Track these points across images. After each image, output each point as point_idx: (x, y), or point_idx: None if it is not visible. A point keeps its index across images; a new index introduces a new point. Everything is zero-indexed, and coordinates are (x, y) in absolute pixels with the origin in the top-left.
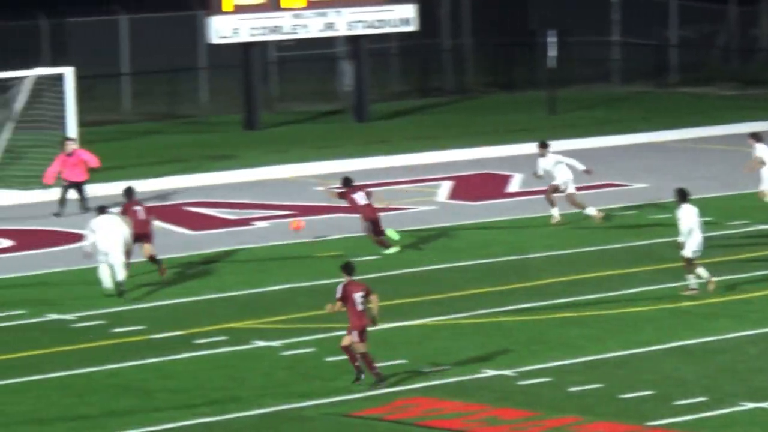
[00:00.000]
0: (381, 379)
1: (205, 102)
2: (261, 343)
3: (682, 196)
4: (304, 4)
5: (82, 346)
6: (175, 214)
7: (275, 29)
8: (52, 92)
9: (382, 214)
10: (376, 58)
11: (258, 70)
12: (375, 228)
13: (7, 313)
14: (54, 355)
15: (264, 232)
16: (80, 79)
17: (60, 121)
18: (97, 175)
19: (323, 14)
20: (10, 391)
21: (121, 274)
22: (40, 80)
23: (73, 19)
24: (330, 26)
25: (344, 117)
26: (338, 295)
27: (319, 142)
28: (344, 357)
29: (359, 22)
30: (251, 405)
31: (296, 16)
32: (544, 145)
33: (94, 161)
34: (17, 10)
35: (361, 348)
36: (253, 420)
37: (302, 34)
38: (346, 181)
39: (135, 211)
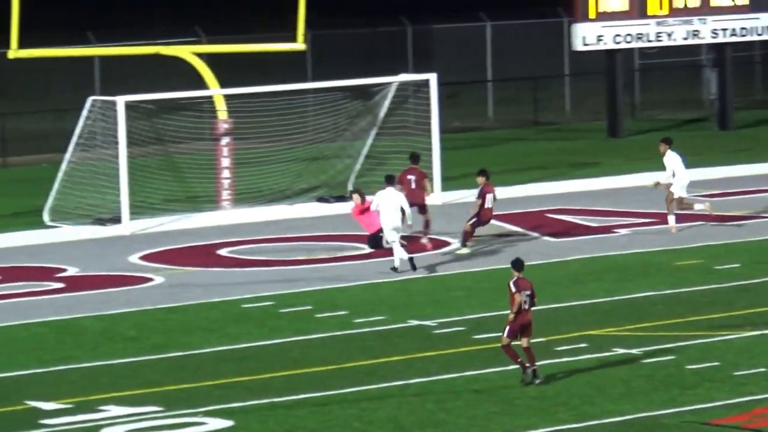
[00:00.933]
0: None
1: (568, 109)
2: (621, 351)
3: None
4: (668, 12)
5: (443, 352)
6: (538, 221)
7: (639, 36)
8: (415, 98)
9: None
10: (740, 66)
11: (622, 77)
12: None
13: (369, 319)
14: (415, 361)
15: (626, 240)
16: (444, 85)
17: (423, 127)
18: (458, 181)
19: (688, 22)
20: (370, 397)
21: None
22: (404, 86)
23: (438, 26)
24: (694, 34)
25: (707, 125)
26: (513, 290)
27: (682, 149)
28: (705, 364)
29: (723, 29)
30: (610, 412)
31: (660, 24)
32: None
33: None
34: (383, 17)
35: (524, 343)
36: (611, 427)
37: (666, 42)
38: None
39: (408, 180)
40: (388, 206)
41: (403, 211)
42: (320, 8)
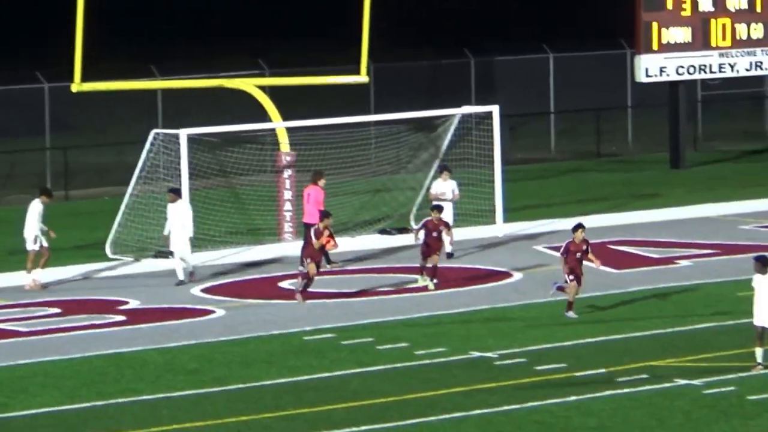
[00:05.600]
0: None
1: (631, 141)
2: (682, 382)
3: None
4: (731, 44)
5: (504, 383)
6: (601, 253)
7: (702, 68)
8: (477, 130)
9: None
10: None
11: (684, 108)
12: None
13: (430, 350)
14: (475, 393)
15: (688, 271)
16: (506, 117)
17: (485, 159)
18: (521, 213)
19: (751, 53)
20: (431, 428)
21: None
22: (467, 118)
23: (501, 58)
24: (758, 65)
25: None
26: None
27: (744, 181)
28: (766, 395)
29: None
30: None
31: (723, 55)
32: None
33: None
34: (446, 48)
35: None
36: None
37: (729, 73)
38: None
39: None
40: None
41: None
42: (384, 40)
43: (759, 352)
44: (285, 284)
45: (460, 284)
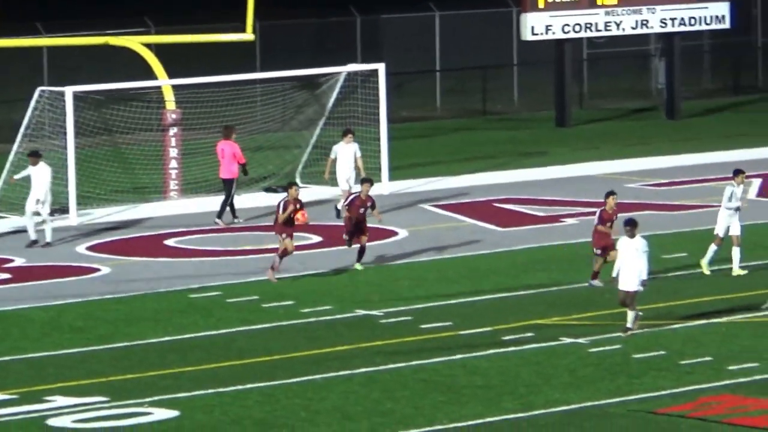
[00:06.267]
0: None
1: (516, 99)
2: (567, 340)
3: None
4: (617, 2)
5: (389, 341)
6: (486, 211)
7: (588, 26)
8: (363, 88)
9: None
10: (688, 55)
11: (570, 66)
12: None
13: (316, 308)
14: (361, 351)
15: (573, 229)
16: (392, 75)
17: (371, 117)
18: (406, 171)
19: (637, 11)
20: (316, 387)
21: None
22: (352, 76)
23: (387, 16)
24: (643, 23)
25: (656, 114)
26: None
27: (630, 139)
28: (651, 353)
29: (672, 19)
30: (556, 402)
31: (609, 13)
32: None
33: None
34: (332, 7)
35: None
36: (557, 417)
37: (615, 32)
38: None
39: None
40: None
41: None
42: None
43: (630, 315)
44: (170, 242)
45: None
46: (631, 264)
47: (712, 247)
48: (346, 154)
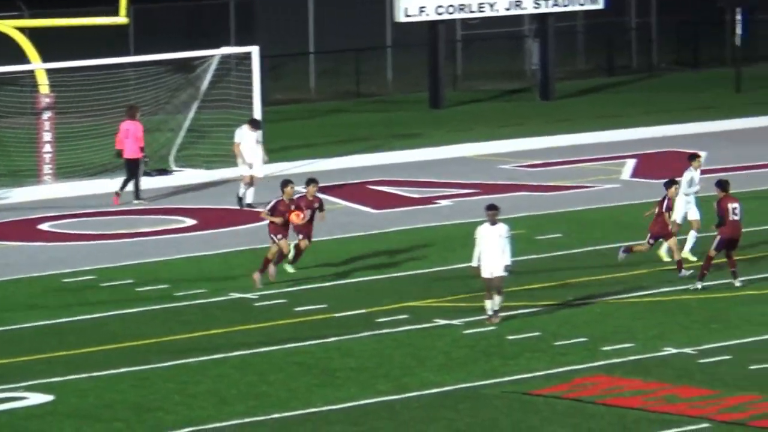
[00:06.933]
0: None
1: (390, 80)
2: (442, 322)
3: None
4: None
5: (263, 324)
6: (360, 193)
7: (462, 7)
8: (237, 71)
9: None
10: (562, 36)
11: (444, 48)
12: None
13: (190, 292)
14: (235, 334)
15: (448, 211)
16: (266, 58)
17: (245, 100)
18: (280, 154)
19: None
20: (191, 371)
21: None
22: (226, 59)
23: None
24: (517, 4)
25: (530, 95)
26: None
27: (504, 120)
28: (526, 335)
29: (546, 0)
30: (431, 383)
31: None
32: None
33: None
34: None
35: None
36: (431, 398)
37: (488, 13)
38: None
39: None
40: None
41: None
42: None
43: (488, 304)
44: (44, 226)
45: (220, 225)
46: (493, 251)
47: (692, 234)
48: (249, 139)
